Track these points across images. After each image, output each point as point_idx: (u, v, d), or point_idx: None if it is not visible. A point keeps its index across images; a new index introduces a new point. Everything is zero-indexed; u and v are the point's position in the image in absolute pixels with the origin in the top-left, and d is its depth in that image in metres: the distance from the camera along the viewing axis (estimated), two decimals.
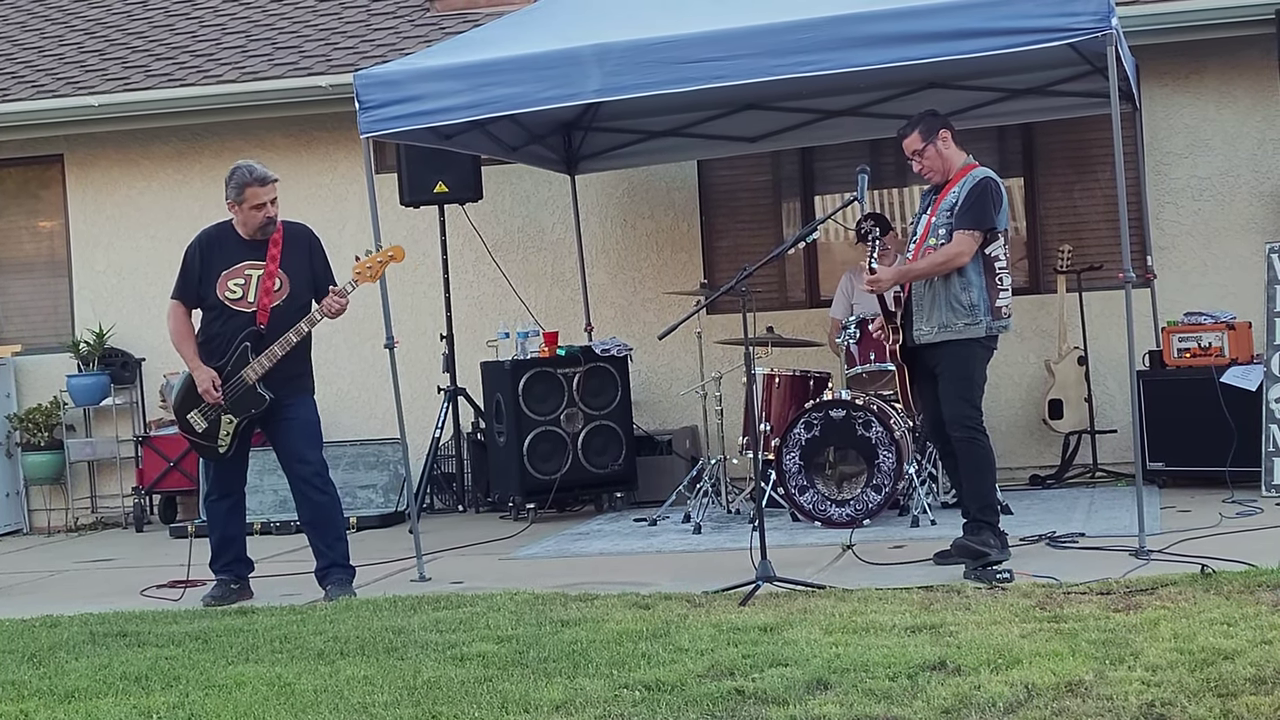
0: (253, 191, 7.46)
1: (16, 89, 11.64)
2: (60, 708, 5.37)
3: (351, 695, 5.26)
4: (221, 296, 7.49)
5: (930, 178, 7.29)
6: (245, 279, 7.50)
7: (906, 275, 7.21)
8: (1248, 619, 5.44)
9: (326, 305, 7.45)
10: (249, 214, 7.50)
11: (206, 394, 7.42)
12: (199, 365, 7.47)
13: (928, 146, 7.21)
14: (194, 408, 7.52)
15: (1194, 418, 9.17)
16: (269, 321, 7.43)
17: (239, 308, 7.48)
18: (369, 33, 11.75)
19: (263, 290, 7.46)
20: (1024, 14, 7.09)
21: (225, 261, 7.52)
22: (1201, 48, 10.15)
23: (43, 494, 11.79)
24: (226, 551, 7.68)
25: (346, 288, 7.47)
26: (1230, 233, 10.24)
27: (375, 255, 7.58)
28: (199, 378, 7.45)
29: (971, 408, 7.14)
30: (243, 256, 7.53)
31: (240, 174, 7.49)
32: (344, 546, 7.62)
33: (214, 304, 7.52)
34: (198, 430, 7.53)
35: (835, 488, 8.64)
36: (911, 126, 7.27)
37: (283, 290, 7.50)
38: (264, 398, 7.43)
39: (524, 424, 9.85)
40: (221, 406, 7.45)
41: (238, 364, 7.43)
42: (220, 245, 7.58)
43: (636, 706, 4.88)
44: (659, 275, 11.13)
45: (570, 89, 7.71)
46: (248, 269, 7.51)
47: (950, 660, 5.12)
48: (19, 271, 12.19)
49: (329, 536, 7.58)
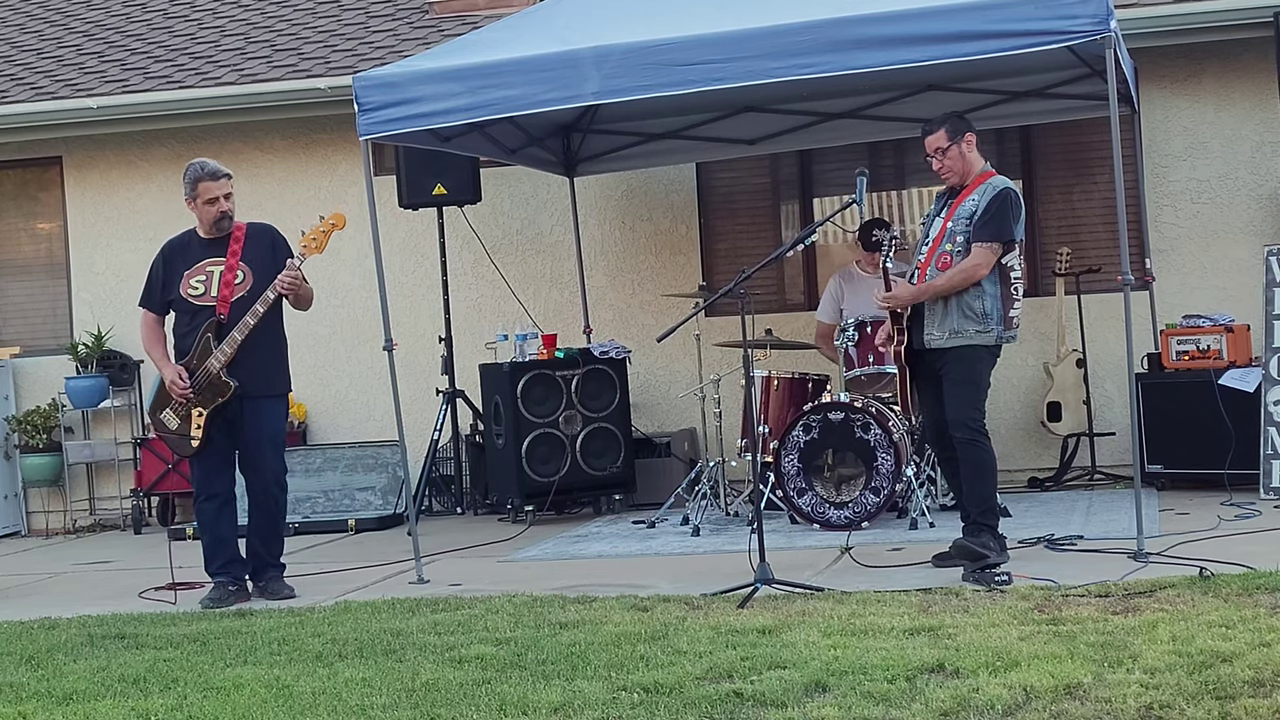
0: (205, 186, 7.62)
1: (15, 91, 11.64)
2: (58, 710, 5.37)
3: (350, 697, 5.27)
4: (185, 295, 7.65)
5: (948, 179, 7.27)
6: (206, 275, 7.66)
7: (924, 294, 7.14)
8: (1246, 622, 5.45)
9: (278, 282, 7.55)
10: (203, 209, 7.67)
11: (173, 386, 7.56)
12: (167, 363, 7.65)
13: (952, 147, 7.19)
14: (166, 406, 7.66)
15: (1192, 420, 9.18)
16: (229, 312, 7.57)
17: (202, 303, 7.63)
18: (368, 35, 11.75)
19: (223, 283, 7.60)
20: (1023, 17, 7.09)
21: (187, 263, 7.71)
22: (1200, 51, 10.15)
23: (41, 496, 11.78)
24: (220, 553, 7.70)
25: (294, 260, 7.60)
26: (1229, 236, 10.24)
27: (318, 226, 7.72)
28: (166, 374, 7.61)
29: (975, 411, 7.13)
30: (204, 255, 7.71)
31: (193, 170, 7.69)
32: (280, 547, 7.87)
33: (180, 304, 7.69)
34: (171, 428, 7.66)
35: (834, 490, 8.64)
36: (938, 125, 7.25)
37: (245, 283, 7.61)
38: (229, 384, 7.53)
39: (522, 426, 9.85)
40: (190, 399, 7.56)
41: (201, 355, 7.57)
42: (183, 250, 7.78)
43: (635, 709, 4.88)
44: (658, 278, 11.14)
45: (569, 91, 7.71)
46: (209, 266, 7.67)
47: (949, 663, 5.12)
48: (17, 273, 12.18)
49: (270, 539, 7.79)
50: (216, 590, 7.63)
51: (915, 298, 7.18)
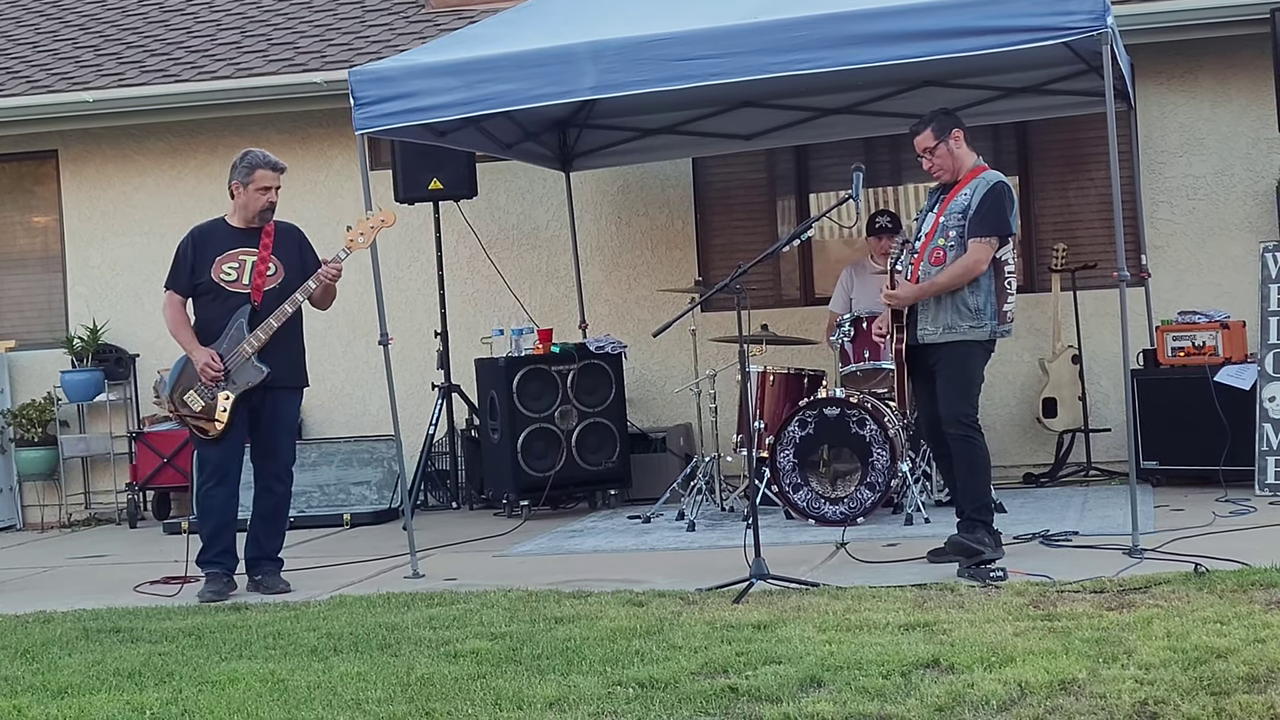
0: (263, 174, 7.63)
1: (11, 84, 11.62)
2: (53, 704, 5.37)
3: (345, 691, 5.27)
4: (217, 279, 7.62)
5: (939, 176, 7.28)
6: (240, 263, 7.64)
7: (926, 292, 7.14)
8: (1241, 618, 5.46)
9: (324, 272, 7.59)
10: (252, 196, 7.64)
11: (205, 370, 7.52)
12: (197, 346, 7.58)
13: (939, 145, 7.19)
14: (190, 388, 7.60)
15: (1188, 417, 9.18)
16: (263, 301, 7.59)
17: (234, 289, 7.62)
18: (364, 29, 11.74)
19: (257, 273, 7.61)
20: (1019, 13, 7.09)
21: (219, 249, 7.67)
22: (1196, 47, 10.15)
23: (36, 490, 11.77)
24: (220, 541, 7.68)
25: (340, 254, 7.65)
26: (1224, 232, 10.24)
27: (366, 221, 7.72)
28: (197, 357, 7.54)
29: (969, 406, 7.14)
30: (237, 244, 7.68)
31: (254, 156, 7.68)
32: (281, 541, 7.88)
33: (209, 287, 7.64)
34: (194, 409, 7.59)
35: (829, 486, 8.64)
36: (924, 124, 7.25)
37: (276, 275, 7.64)
38: (261, 370, 7.54)
39: (518, 421, 9.85)
40: (219, 383, 7.53)
41: (234, 339, 7.56)
42: (213, 236, 7.73)
43: (630, 704, 4.88)
44: (654, 273, 11.13)
45: (565, 86, 7.71)
46: (242, 254, 7.65)
47: (944, 658, 5.13)
48: (13, 267, 12.17)
49: (273, 530, 7.83)
50: (214, 583, 7.61)
51: (918, 296, 7.18)
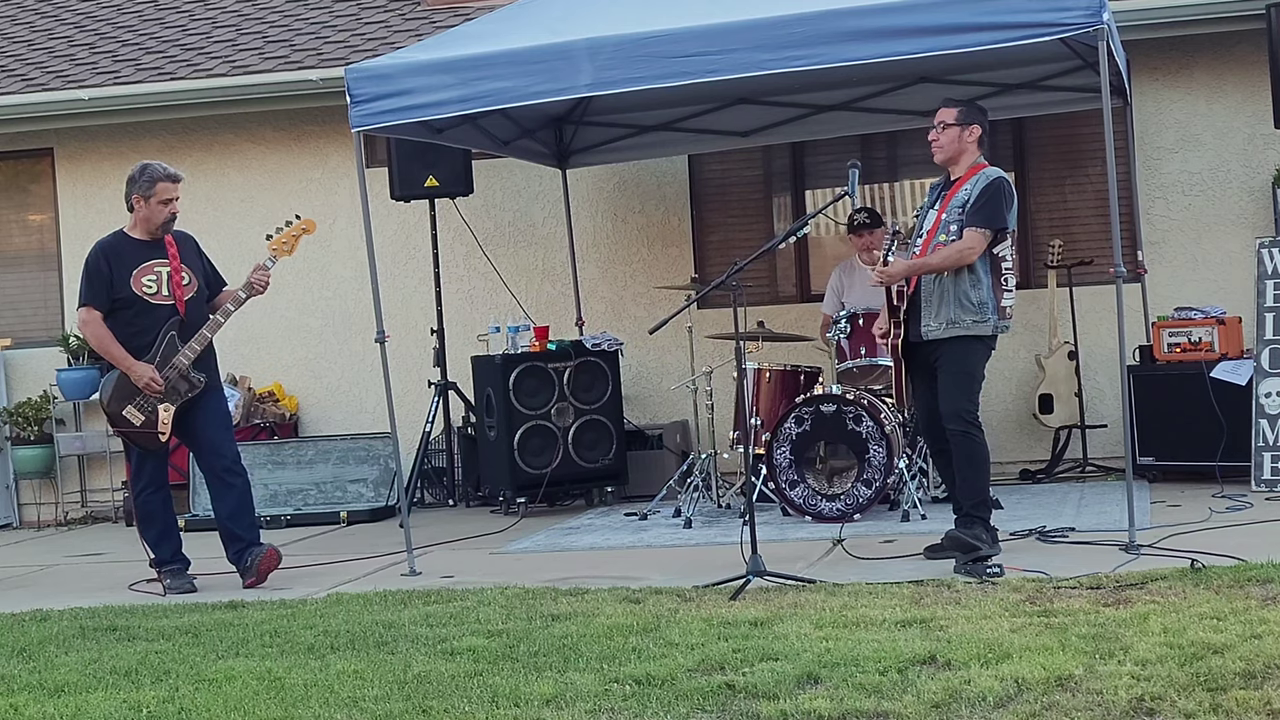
0: (164, 186, 7.78)
1: (6, 82, 11.61)
2: (50, 702, 5.36)
3: (342, 689, 5.26)
4: (139, 292, 7.74)
5: (935, 155, 7.29)
6: (157, 275, 7.78)
7: (918, 269, 7.19)
8: (1237, 614, 5.46)
9: (255, 280, 7.78)
10: (155, 208, 7.78)
11: (149, 386, 7.66)
12: (133, 362, 7.70)
13: (954, 128, 7.21)
14: (129, 403, 7.72)
15: (1184, 413, 9.19)
16: (186, 311, 7.76)
17: (158, 301, 7.77)
18: (360, 26, 11.73)
19: (175, 284, 7.78)
20: (1015, 9, 7.09)
21: (133, 262, 7.79)
22: (1192, 43, 10.16)
23: (32, 488, 11.77)
24: (168, 542, 7.93)
25: (268, 263, 7.85)
26: (1220, 228, 10.25)
27: (289, 229, 7.98)
28: (137, 373, 7.67)
29: (970, 403, 7.15)
30: (147, 256, 7.82)
31: (154, 169, 7.83)
32: (256, 531, 7.98)
33: (130, 300, 7.75)
34: (135, 424, 7.73)
35: (826, 482, 8.65)
36: (956, 104, 7.31)
37: (192, 285, 7.85)
38: (199, 380, 7.74)
39: (514, 418, 9.84)
40: (159, 396, 7.67)
41: (167, 353, 7.69)
42: (123, 250, 7.84)
43: (627, 701, 4.88)
44: (650, 270, 11.13)
45: (561, 83, 7.71)
46: (156, 266, 7.79)
47: (940, 655, 5.13)
48: (8, 265, 12.16)
49: (246, 523, 7.89)
50: (178, 578, 7.85)
51: (908, 271, 7.21)
